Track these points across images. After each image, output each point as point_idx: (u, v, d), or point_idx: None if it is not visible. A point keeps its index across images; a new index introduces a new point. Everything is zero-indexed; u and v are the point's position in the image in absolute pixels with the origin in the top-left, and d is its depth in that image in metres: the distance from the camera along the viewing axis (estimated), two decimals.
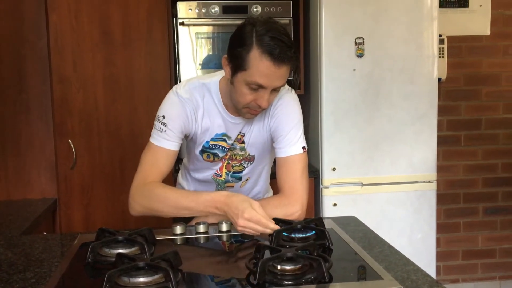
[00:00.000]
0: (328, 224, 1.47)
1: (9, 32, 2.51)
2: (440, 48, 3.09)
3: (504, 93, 3.42)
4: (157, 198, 1.51)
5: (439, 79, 3.06)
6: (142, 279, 1.06)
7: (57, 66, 2.52)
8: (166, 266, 1.08)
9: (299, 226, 1.35)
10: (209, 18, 2.73)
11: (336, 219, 1.60)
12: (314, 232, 1.34)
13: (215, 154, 1.64)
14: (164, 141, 1.56)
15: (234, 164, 1.68)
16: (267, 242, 1.28)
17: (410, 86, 2.72)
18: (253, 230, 1.35)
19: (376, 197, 2.74)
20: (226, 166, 1.68)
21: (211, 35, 2.77)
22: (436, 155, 2.80)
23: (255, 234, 1.37)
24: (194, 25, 2.72)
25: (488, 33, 3.35)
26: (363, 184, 2.74)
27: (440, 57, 3.12)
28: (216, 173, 1.70)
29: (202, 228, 1.47)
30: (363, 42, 2.67)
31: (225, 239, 1.46)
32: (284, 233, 1.34)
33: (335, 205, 2.71)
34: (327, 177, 2.72)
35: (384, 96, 2.71)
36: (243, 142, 1.64)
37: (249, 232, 1.37)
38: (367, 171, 2.73)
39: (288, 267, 1.11)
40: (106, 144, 2.59)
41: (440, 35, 2.98)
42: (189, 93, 1.57)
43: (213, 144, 1.62)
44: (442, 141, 3.23)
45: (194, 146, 1.65)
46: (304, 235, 1.34)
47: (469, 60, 3.36)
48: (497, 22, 3.34)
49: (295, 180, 1.57)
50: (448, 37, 3.24)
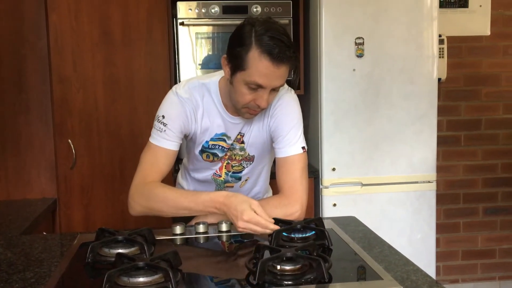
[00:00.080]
0: (327, 224, 1.47)
1: (9, 32, 2.51)
2: (440, 48, 3.09)
3: (504, 93, 3.42)
4: (156, 198, 1.51)
5: (439, 79, 3.07)
6: (141, 279, 1.06)
7: (57, 66, 2.52)
8: (166, 266, 1.08)
9: (298, 226, 1.35)
10: (209, 18, 2.73)
11: (336, 219, 1.60)
12: (313, 232, 1.34)
13: (215, 154, 1.64)
14: (164, 140, 1.56)
15: (233, 164, 1.68)
16: (266, 242, 1.28)
17: (410, 86, 2.72)
18: (253, 231, 1.36)
19: (376, 197, 2.74)
20: (225, 166, 1.68)
21: (211, 35, 2.77)
22: (436, 155, 2.80)
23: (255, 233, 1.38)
24: (194, 25, 2.72)
25: (488, 33, 3.35)
26: (363, 184, 2.73)
27: (440, 57, 3.12)
28: (215, 173, 1.70)
29: (201, 228, 1.47)
30: (363, 42, 2.67)
31: (224, 239, 1.46)
32: (284, 233, 1.34)
33: (335, 205, 2.71)
34: (327, 177, 2.72)
35: (384, 96, 2.71)
36: (243, 142, 1.64)
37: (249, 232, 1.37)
38: (367, 171, 2.73)
39: (287, 267, 1.11)
40: (106, 144, 2.59)
41: (440, 35, 2.98)
42: (188, 93, 1.57)
43: (212, 144, 1.62)
44: (442, 141, 3.23)
45: (194, 146, 1.65)
46: (303, 235, 1.34)
47: (469, 60, 3.36)
48: (497, 22, 3.34)
49: (294, 180, 1.57)
50: (448, 37, 3.24)
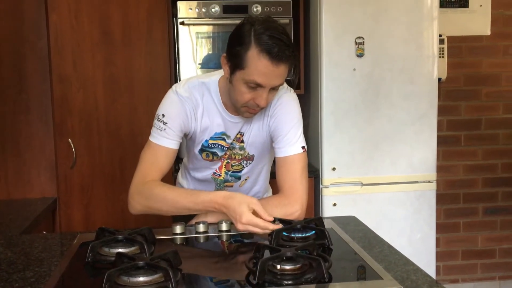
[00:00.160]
0: (328, 224, 1.47)
1: (9, 32, 2.51)
2: (440, 48, 3.09)
3: (504, 93, 3.42)
4: (156, 197, 1.51)
5: (439, 79, 3.06)
6: (141, 279, 1.06)
7: (57, 66, 2.52)
8: (166, 266, 1.08)
9: (298, 226, 1.35)
10: (209, 18, 2.73)
11: (336, 219, 1.60)
12: (313, 232, 1.34)
13: (214, 153, 1.64)
14: (164, 139, 1.56)
15: (233, 164, 1.68)
16: (266, 242, 1.28)
17: (410, 86, 2.72)
18: (253, 232, 1.36)
19: (376, 197, 2.74)
20: (225, 165, 1.68)
21: (211, 34, 2.77)
22: (436, 155, 2.80)
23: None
24: (194, 24, 2.72)
25: (488, 33, 3.35)
26: (363, 184, 2.73)
27: (440, 57, 3.12)
28: (215, 173, 1.70)
29: (201, 227, 1.47)
30: (363, 42, 2.67)
31: (224, 238, 1.46)
32: (284, 233, 1.34)
33: (335, 205, 2.71)
34: (327, 177, 2.72)
35: (384, 96, 2.71)
36: (242, 142, 1.64)
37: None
38: (367, 171, 2.73)
39: (287, 267, 1.11)
40: (106, 143, 2.59)
41: (440, 35, 2.97)
42: (188, 92, 1.57)
43: (212, 143, 1.62)
44: (442, 141, 3.23)
45: (194, 145, 1.65)
46: (303, 235, 1.33)
47: (469, 60, 3.36)
48: (497, 22, 3.34)
49: (294, 180, 1.56)
50: (448, 37, 3.23)
